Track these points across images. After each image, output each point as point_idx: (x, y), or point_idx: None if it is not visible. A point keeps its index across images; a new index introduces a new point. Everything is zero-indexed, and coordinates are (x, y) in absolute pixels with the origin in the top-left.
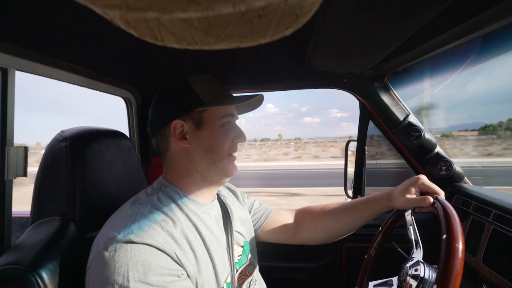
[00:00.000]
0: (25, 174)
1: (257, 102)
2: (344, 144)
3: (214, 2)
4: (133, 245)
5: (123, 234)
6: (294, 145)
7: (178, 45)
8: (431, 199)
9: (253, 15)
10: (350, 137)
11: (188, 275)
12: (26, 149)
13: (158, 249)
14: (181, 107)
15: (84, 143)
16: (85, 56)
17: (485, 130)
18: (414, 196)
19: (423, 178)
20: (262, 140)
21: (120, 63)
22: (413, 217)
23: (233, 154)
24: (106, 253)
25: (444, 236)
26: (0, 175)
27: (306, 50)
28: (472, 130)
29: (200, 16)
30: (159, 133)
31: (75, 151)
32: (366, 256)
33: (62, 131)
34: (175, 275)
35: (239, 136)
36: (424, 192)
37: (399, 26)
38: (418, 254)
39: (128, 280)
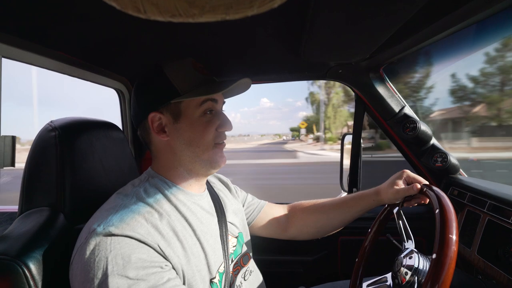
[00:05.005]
0: (13, 164)
1: (243, 86)
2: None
3: None
4: (113, 237)
5: (103, 227)
6: None
7: (162, 17)
8: (419, 186)
9: None
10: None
11: (173, 267)
12: (14, 138)
13: (139, 241)
14: (156, 99)
15: (74, 133)
16: (76, 45)
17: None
18: (402, 186)
19: (408, 171)
20: None
21: (112, 54)
22: (401, 211)
23: (222, 142)
24: (87, 247)
25: (437, 211)
26: None
27: (300, 41)
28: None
29: None
30: (140, 126)
31: (64, 141)
32: (360, 249)
33: (51, 121)
34: (157, 266)
35: (224, 124)
36: (410, 183)
37: (392, 12)
38: (410, 245)
39: (107, 274)
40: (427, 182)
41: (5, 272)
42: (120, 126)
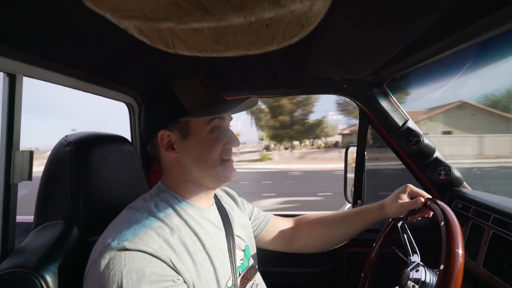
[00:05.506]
0: (30, 178)
1: (250, 103)
2: None
3: (227, 13)
4: (127, 252)
5: (117, 241)
6: None
7: (189, 53)
8: (423, 199)
9: (261, 25)
10: None
11: (184, 281)
12: (31, 153)
13: (152, 255)
14: (165, 117)
15: (88, 148)
16: (89, 62)
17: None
18: (406, 200)
19: (411, 185)
20: None
21: (123, 69)
22: (406, 224)
23: (229, 158)
24: (101, 261)
25: (442, 223)
26: (6, 179)
27: (307, 57)
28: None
29: (212, 26)
30: (149, 142)
31: (79, 156)
32: (366, 262)
33: (66, 136)
34: (170, 280)
35: (231, 141)
36: (413, 197)
37: (398, 33)
38: (416, 258)
39: None
40: (430, 196)
41: (23, 285)
42: (128, 136)
